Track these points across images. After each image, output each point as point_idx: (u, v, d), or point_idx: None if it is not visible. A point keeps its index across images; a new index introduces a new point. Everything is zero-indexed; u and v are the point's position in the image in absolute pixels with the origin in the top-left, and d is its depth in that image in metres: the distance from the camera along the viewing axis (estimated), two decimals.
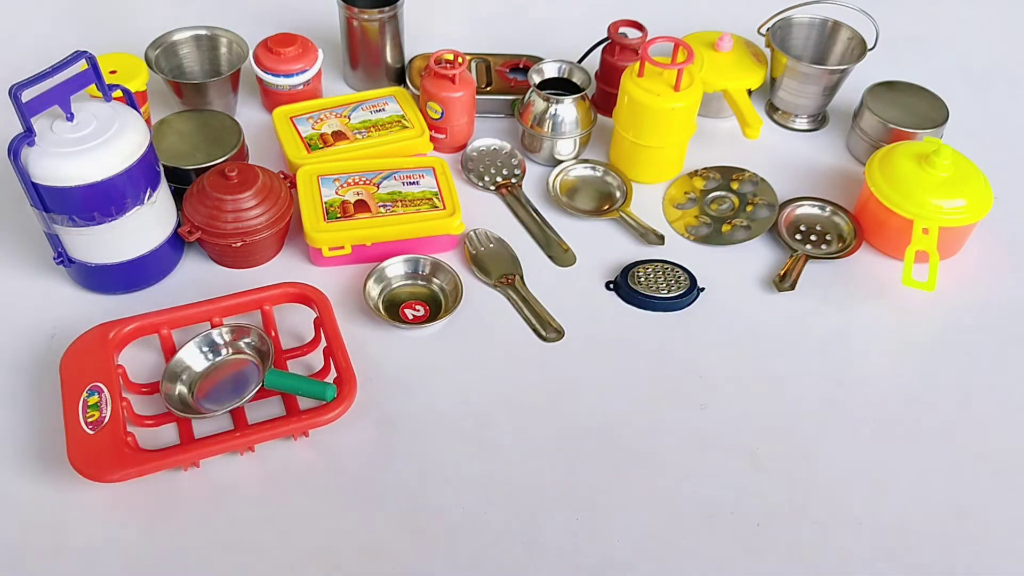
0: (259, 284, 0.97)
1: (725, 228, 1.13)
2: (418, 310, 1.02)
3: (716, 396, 0.96)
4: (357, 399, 0.88)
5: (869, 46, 1.25)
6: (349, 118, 1.18)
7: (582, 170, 1.20)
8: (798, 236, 1.13)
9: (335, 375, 0.90)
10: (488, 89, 1.27)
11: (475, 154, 1.21)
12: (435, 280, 1.05)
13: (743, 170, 1.20)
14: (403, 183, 1.09)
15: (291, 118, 1.17)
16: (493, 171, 1.19)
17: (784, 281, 1.06)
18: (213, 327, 0.94)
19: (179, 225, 1.01)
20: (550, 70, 1.21)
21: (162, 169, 0.99)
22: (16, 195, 0.92)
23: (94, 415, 0.83)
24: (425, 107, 1.19)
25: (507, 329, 1.00)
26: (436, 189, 1.08)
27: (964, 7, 1.52)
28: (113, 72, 1.13)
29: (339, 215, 1.04)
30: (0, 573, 0.79)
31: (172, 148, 1.08)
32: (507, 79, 1.29)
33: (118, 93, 0.94)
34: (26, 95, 0.84)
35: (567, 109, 1.17)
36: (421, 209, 1.06)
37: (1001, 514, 0.88)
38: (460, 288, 1.02)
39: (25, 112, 0.85)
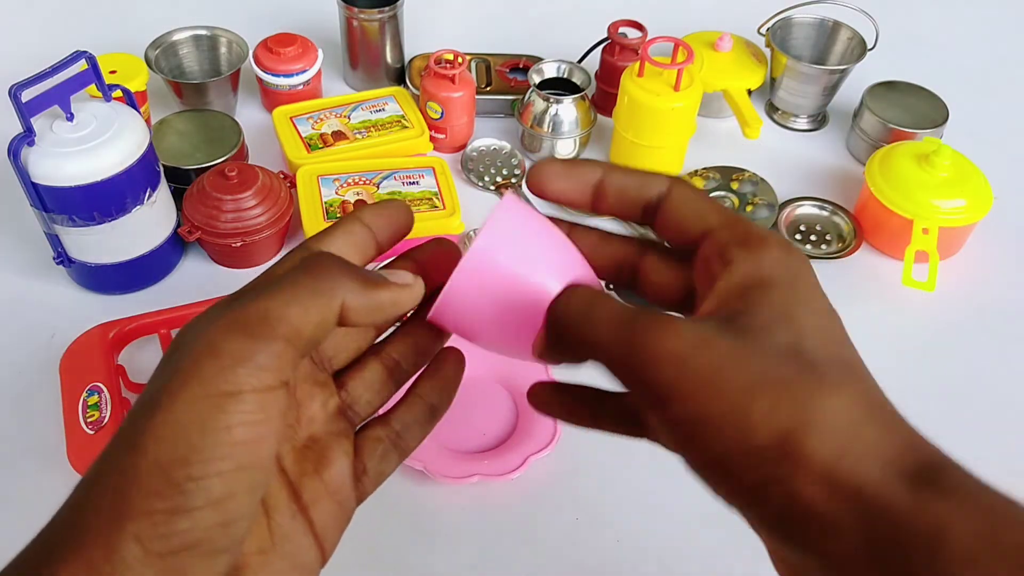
0: None
1: None
2: None
3: None
4: None
5: (869, 46, 1.25)
6: (349, 118, 1.18)
7: None
8: (798, 236, 1.13)
9: None
10: (488, 89, 1.27)
11: (475, 154, 1.21)
12: None
13: (743, 170, 1.20)
14: (403, 183, 1.09)
15: (291, 118, 1.17)
16: (493, 171, 1.19)
17: None
18: None
19: (179, 225, 1.01)
20: (550, 70, 1.21)
21: (162, 169, 0.99)
22: (16, 195, 0.92)
23: (94, 415, 0.83)
24: (425, 107, 1.19)
25: None
26: (436, 189, 1.08)
27: (964, 7, 1.52)
28: (113, 72, 1.13)
29: (339, 215, 1.04)
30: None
31: (172, 148, 1.08)
32: (507, 79, 1.29)
33: (118, 93, 0.94)
34: (26, 95, 0.84)
35: (567, 109, 1.17)
36: (421, 209, 1.06)
37: None
38: None
39: (25, 112, 0.84)
